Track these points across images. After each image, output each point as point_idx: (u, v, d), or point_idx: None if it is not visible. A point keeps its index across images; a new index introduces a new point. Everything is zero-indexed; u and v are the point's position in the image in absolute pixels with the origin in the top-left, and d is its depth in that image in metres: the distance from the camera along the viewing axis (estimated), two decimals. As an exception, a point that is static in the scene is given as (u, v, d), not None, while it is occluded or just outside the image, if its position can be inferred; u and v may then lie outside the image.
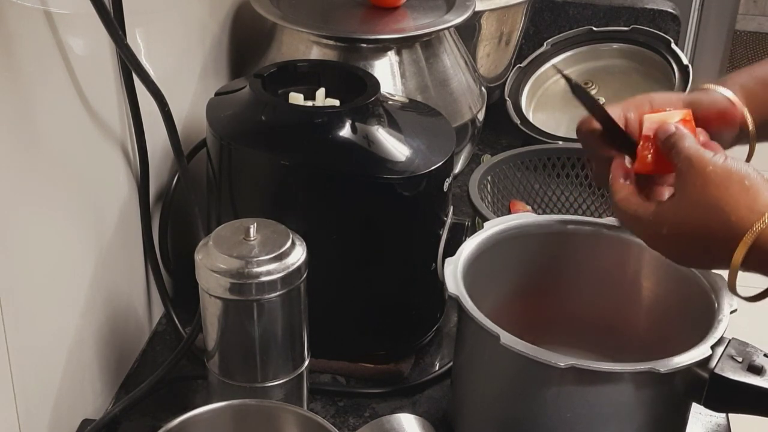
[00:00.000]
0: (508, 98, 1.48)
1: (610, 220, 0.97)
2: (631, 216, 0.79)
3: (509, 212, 1.18)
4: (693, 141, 0.78)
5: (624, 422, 0.83)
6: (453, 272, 0.88)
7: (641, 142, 0.82)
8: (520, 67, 1.53)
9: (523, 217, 0.98)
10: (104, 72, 0.92)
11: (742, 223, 0.72)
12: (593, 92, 1.49)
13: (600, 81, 1.50)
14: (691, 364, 0.79)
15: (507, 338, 0.80)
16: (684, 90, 1.38)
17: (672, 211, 0.76)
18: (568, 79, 0.85)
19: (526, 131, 1.42)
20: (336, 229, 0.97)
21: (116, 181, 0.98)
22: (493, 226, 0.96)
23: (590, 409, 0.82)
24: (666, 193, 0.80)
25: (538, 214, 1.13)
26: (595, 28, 1.54)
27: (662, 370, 0.78)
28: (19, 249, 0.79)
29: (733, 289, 0.76)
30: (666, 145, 0.79)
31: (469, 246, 0.93)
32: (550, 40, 1.55)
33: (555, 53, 1.54)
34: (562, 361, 0.78)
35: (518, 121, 1.45)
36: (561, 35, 1.55)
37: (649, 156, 0.81)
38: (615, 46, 1.53)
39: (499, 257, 0.96)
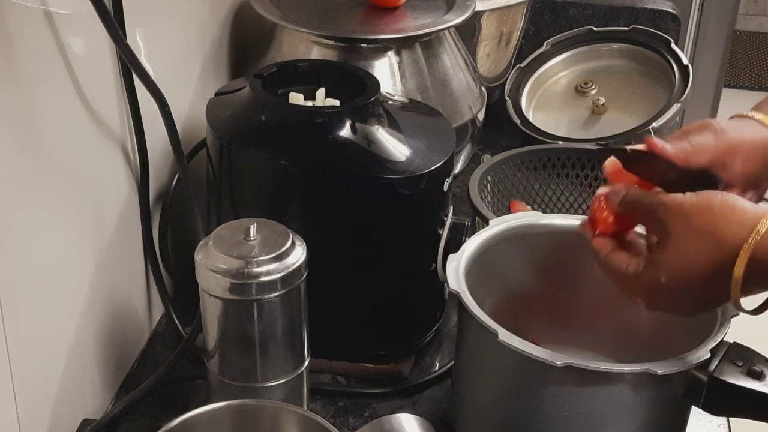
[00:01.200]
0: (508, 98, 1.48)
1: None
2: (624, 273, 0.79)
3: (509, 212, 1.18)
4: (650, 193, 0.80)
5: (622, 423, 0.83)
6: (455, 269, 0.88)
7: (596, 204, 0.83)
8: (520, 67, 1.53)
9: (527, 216, 0.98)
10: (104, 72, 0.92)
11: (736, 240, 0.72)
12: (593, 92, 1.49)
13: (600, 81, 1.50)
14: (689, 366, 0.79)
15: (505, 335, 0.80)
16: (684, 90, 1.38)
17: (664, 256, 0.76)
18: (620, 150, 0.85)
19: (526, 131, 1.42)
20: (336, 229, 0.97)
21: (116, 181, 0.98)
22: (497, 225, 0.96)
23: (587, 409, 0.82)
24: (637, 246, 0.81)
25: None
26: (595, 28, 1.54)
27: (659, 371, 0.78)
28: (19, 249, 0.79)
29: (737, 304, 0.75)
30: (625, 206, 0.80)
31: (472, 244, 0.93)
32: (550, 40, 1.55)
33: (555, 53, 1.54)
34: (559, 359, 0.78)
35: (518, 121, 1.45)
36: (561, 35, 1.55)
37: (609, 216, 0.82)
38: (615, 46, 1.52)
39: (502, 256, 0.96)
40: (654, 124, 1.35)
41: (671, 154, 0.83)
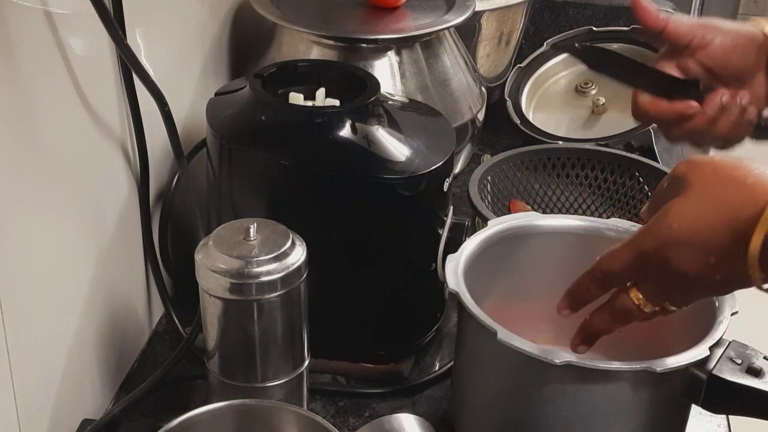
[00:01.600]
0: (508, 98, 1.48)
1: (613, 221, 0.97)
2: (623, 243, 0.74)
3: (509, 212, 1.18)
4: None
5: (621, 421, 0.83)
6: (454, 269, 0.88)
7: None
8: (520, 67, 1.53)
9: (527, 216, 0.98)
10: (104, 72, 0.92)
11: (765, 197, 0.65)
12: (593, 92, 1.49)
13: (600, 81, 1.50)
14: (688, 364, 0.79)
15: (504, 334, 0.81)
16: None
17: (682, 200, 0.69)
18: (573, 48, 0.85)
19: (526, 131, 1.42)
20: (336, 229, 0.97)
21: (116, 181, 0.98)
22: (497, 225, 0.96)
23: (586, 407, 0.82)
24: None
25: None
26: (595, 28, 1.54)
27: (658, 369, 0.78)
28: (19, 249, 0.79)
29: (755, 271, 0.65)
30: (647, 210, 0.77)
31: (471, 244, 0.93)
32: (550, 40, 1.55)
33: (555, 53, 1.54)
34: (559, 358, 0.78)
35: (518, 121, 1.45)
36: (561, 35, 1.55)
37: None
38: (615, 46, 1.52)
39: (502, 256, 0.96)
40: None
41: (653, 14, 0.86)
